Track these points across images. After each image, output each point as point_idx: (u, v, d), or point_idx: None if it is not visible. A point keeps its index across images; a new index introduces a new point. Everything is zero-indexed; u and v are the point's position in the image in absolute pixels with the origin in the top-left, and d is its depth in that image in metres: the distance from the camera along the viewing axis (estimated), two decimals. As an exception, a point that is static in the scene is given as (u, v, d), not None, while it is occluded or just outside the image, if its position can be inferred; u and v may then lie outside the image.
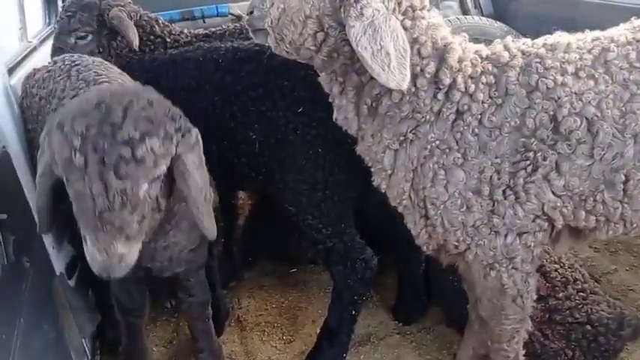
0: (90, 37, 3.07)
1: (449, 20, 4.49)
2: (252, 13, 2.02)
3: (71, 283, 2.81)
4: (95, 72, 2.42)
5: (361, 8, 1.75)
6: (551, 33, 2.01)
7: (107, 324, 2.92)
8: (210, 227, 2.01)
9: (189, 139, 1.86)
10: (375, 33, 1.74)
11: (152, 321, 3.27)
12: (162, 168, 1.78)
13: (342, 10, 1.80)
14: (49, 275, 2.60)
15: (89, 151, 1.65)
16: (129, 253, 1.77)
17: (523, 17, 4.64)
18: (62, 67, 2.52)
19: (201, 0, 4.58)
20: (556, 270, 2.70)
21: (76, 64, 2.51)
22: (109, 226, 1.70)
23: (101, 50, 3.09)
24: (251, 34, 2.09)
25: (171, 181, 1.90)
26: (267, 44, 2.02)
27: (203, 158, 1.94)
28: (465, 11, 5.00)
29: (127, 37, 3.01)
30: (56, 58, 2.73)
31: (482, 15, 4.86)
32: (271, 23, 1.93)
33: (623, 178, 1.84)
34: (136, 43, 3.02)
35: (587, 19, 3.84)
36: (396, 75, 1.76)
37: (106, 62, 2.68)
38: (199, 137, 1.92)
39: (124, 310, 2.60)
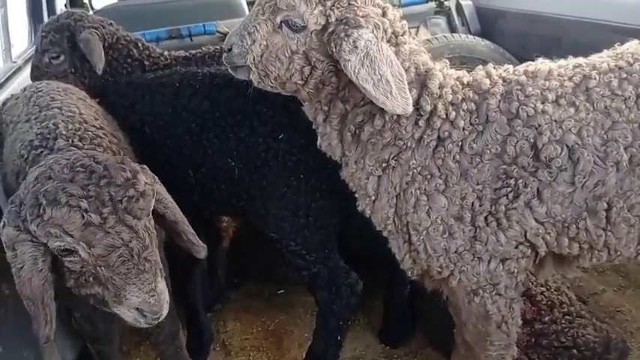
0: (62, 57, 3.07)
1: (436, 38, 4.50)
2: (230, 50, 1.98)
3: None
4: (51, 97, 2.42)
5: (354, 41, 1.75)
6: (537, 50, 2.00)
7: (89, 350, 2.83)
8: (200, 243, 2.04)
9: (147, 171, 1.91)
10: (372, 63, 1.75)
11: (136, 345, 3.23)
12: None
13: (331, 45, 1.79)
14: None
15: (100, 206, 1.67)
16: (165, 289, 1.78)
17: (510, 35, 4.67)
18: (27, 94, 2.52)
19: (188, 17, 4.57)
20: (542, 293, 2.67)
21: (39, 91, 2.50)
22: (148, 265, 1.72)
23: (73, 71, 3.09)
24: (231, 71, 2.06)
25: None
26: (249, 80, 1.99)
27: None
28: (452, 29, 5.01)
29: (91, 60, 3.00)
30: (27, 85, 2.73)
31: (470, 33, 4.88)
32: (254, 60, 1.91)
33: (606, 205, 1.83)
34: (99, 67, 3.00)
35: (573, 37, 3.90)
36: (399, 100, 1.77)
37: (70, 87, 2.68)
38: None
39: (90, 338, 2.53)
